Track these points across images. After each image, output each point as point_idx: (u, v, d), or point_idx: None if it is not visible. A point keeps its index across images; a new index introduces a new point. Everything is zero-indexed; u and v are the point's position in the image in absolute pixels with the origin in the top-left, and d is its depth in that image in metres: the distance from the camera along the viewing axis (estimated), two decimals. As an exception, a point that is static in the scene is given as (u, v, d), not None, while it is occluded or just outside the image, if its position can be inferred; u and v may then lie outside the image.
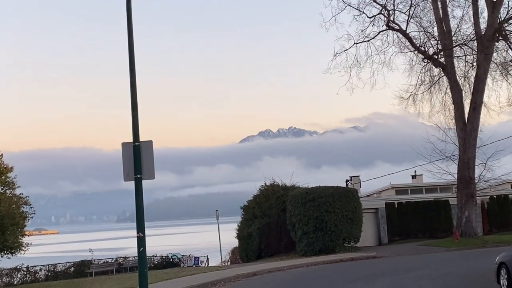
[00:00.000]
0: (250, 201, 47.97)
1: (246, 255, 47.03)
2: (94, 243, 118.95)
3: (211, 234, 72.31)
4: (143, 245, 16.31)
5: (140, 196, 16.62)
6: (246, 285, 27.35)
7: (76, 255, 76.86)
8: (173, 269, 44.94)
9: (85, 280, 41.51)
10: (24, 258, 48.55)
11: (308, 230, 41.39)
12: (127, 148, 16.86)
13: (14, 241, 41.83)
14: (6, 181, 43.90)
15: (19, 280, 51.44)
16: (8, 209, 41.31)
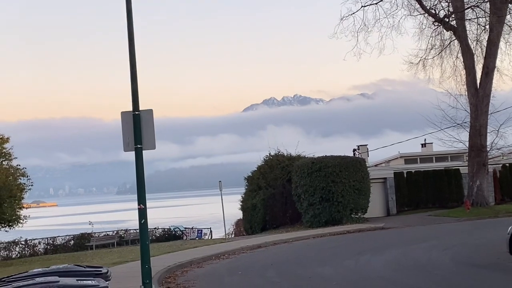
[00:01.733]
0: (254, 172, 47.28)
1: (250, 227, 46.44)
2: (94, 215, 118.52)
3: (214, 206, 71.46)
4: (145, 217, 15.84)
5: (141, 167, 16.06)
6: (250, 258, 26.90)
7: (75, 228, 76.25)
8: (176, 242, 44.38)
9: (85, 254, 40.94)
10: (22, 231, 47.68)
11: (314, 201, 40.68)
12: (127, 117, 16.38)
13: (11, 214, 41.01)
14: (3, 152, 42.88)
15: (18, 254, 50.92)
16: (4, 181, 40.37)
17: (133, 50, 16.48)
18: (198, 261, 25.54)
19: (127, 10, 16.55)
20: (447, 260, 20.81)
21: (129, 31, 16.53)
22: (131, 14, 16.58)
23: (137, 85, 16.47)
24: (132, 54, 16.44)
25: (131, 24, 16.55)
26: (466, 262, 20.32)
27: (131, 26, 16.55)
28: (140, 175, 16.03)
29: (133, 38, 16.49)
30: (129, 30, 16.53)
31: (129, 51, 16.41)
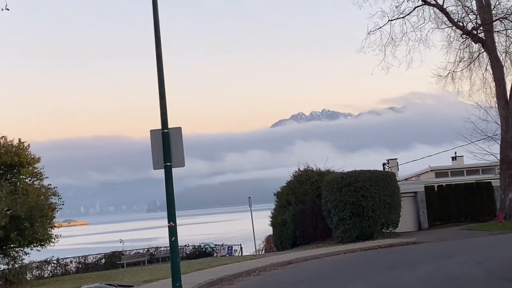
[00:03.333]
0: (284, 187, 47.12)
1: (280, 243, 46.22)
2: (124, 233, 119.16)
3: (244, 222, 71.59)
4: (175, 234, 15.86)
5: (171, 185, 16.12)
6: (281, 274, 26.65)
7: (106, 246, 76.64)
8: (206, 259, 44.29)
9: (116, 272, 41.04)
10: (54, 250, 48.00)
11: (344, 216, 40.42)
12: (156, 136, 16.49)
13: (43, 233, 41.38)
14: (34, 172, 43.40)
15: (50, 273, 51.15)
16: (36, 201, 40.83)
17: (161, 69, 16.60)
18: (228, 278, 25.43)
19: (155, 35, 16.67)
20: (481, 274, 20.47)
21: (158, 52, 16.65)
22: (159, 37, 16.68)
23: (166, 103, 16.56)
24: (160, 73, 16.55)
25: (159, 45, 16.66)
26: (500, 276, 19.97)
27: (159, 47, 16.65)
28: (169, 193, 16.08)
29: (161, 58, 16.61)
30: (157, 51, 16.65)
31: (157, 69, 16.53)
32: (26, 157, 42.82)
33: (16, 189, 41.25)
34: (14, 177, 43.06)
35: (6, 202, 38.83)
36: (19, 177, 43.16)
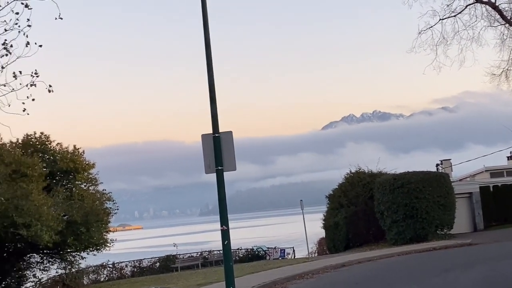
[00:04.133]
0: (336, 190, 46.85)
1: (333, 245, 45.97)
2: (178, 237, 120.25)
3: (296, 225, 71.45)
4: (228, 238, 15.91)
5: (222, 188, 16.17)
6: (334, 277, 26.50)
7: (161, 250, 77.43)
8: (259, 262, 44.34)
9: (170, 275, 41.40)
10: (109, 254, 48.78)
11: (397, 218, 40.00)
12: (207, 140, 16.56)
13: (99, 238, 42.08)
14: (89, 177, 44.19)
15: (106, 277, 51.87)
16: (92, 206, 41.53)
17: (212, 73, 16.69)
18: (281, 281, 25.39)
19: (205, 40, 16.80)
20: (539, 276, 20.07)
21: (208, 58, 16.75)
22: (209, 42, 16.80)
23: (216, 108, 16.64)
24: (211, 77, 16.64)
25: (209, 49, 16.77)
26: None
27: (209, 52, 16.76)
28: (221, 197, 16.14)
29: (211, 62, 16.70)
30: (207, 55, 16.76)
31: (207, 74, 16.63)
32: (81, 163, 43.63)
33: (72, 194, 42.05)
34: (70, 183, 43.92)
35: (62, 208, 39.61)
36: (74, 183, 44.00)
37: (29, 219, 35.48)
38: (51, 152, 43.71)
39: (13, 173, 37.42)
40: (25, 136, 43.46)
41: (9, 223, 35.16)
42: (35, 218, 35.73)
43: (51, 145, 44.13)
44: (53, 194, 40.05)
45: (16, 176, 37.52)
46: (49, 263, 45.34)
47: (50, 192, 40.39)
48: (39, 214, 35.93)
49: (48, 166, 42.18)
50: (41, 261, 45.36)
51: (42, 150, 43.48)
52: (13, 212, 35.02)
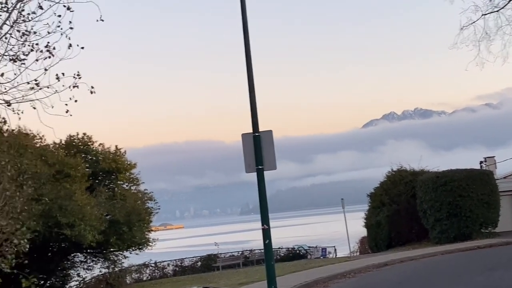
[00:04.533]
0: (377, 188, 46.42)
1: (375, 244, 45.58)
2: (219, 236, 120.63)
3: (337, 223, 71.08)
4: (269, 237, 15.88)
5: (263, 188, 16.13)
6: (377, 276, 26.24)
7: (202, 249, 77.64)
8: (300, 261, 44.21)
9: (212, 274, 41.51)
10: (151, 253, 49.16)
11: (441, 217, 39.45)
12: (248, 139, 16.54)
13: (141, 237, 42.49)
14: (130, 177, 44.62)
15: (148, 276, 52.26)
16: (133, 206, 41.94)
17: (251, 73, 16.65)
18: (323, 280, 25.26)
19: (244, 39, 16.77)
20: None
21: (247, 56, 16.72)
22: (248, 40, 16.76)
23: (256, 107, 16.60)
24: (251, 77, 16.61)
25: (248, 49, 16.73)
26: None
27: (248, 50, 16.72)
28: (262, 196, 16.11)
29: (251, 62, 16.66)
30: (246, 54, 16.73)
31: (247, 74, 16.60)
32: (123, 163, 44.09)
33: (114, 194, 42.52)
34: (112, 183, 44.43)
35: (105, 207, 40.08)
36: (116, 183, 44.50)
37: (73, 219, 35.98)
38: (94, 152, 44.26)
39: (57, 173, 37.97)
40: (68, 137, 44.06)
41: (53, 223, 35.70)
42: (79, 218, 36.22)
43: (94, 146, 44.68)
44: (95, 194, 40.54)
45: (59, 177, 38.07)
46: (93, 262, 45.91)
47: (92, 192, 40.89)
48: (82, 214, 36.42)
49: (90, 167, 42.72)
50: (84, 260, 45.96)
51: (85, 150, 44.05)
52: (57, 212, 35.55)
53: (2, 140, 16.84)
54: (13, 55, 11.70)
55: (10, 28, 11.60)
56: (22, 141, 33.61)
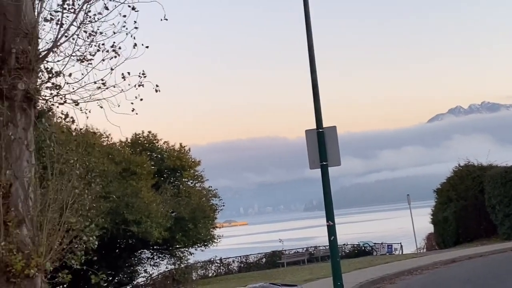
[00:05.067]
0: (444, 184, 45.67)
1: (442, 241, 44.85)
2: (283, 233, 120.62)
3: (402, 220, 70.31)
4: (334, 233, 15.81)
5: (327, 184, 16.06)
6: (444, 273, 25.79)
7: (266, 245, 77.86)
8: (366, 258, 43.87)
9: (277, 271, 41.58)
10: (216, 250, 49.53)
11: (510, 212, 38.67)
12: (311, 135, 16.50)
13: (206, 234, 42.91)
14: (195, 175, 45.10)
15: (214, 272, 52.65)
16: (198, 203, 42.40)
17: (314, 70, 16.57)
18: (390, 277, 25.02)
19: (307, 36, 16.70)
20: None
21: (310, 52, 16.65)
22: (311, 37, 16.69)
23: (320, 103, 16.51)
24: (314, 73, 16.53)
25: (311, 44, 16.66)
26: None
27: (311, 48, 16.65)
28: (327, 192, 16.03)
29: (314, 59, 16.57)
30: (310, 51, 16.66)
31: (310, 70, 16.53)
32: (187, 160, 44.63)
33: (179, 191, 43.08)
34: (177, 180, 45.01)
35: (170, 205, 40.63)
36: (181, 180, 45.06)
37: (139, 216, 36.61)
38: (159, 150, 44.94)
39: (123, 171, 38.69)
40: (134, 135, 44.83)
41: (121, 220, 36.38)
42: (145, 215, 36.83)
43: (158, 144, 45.36)
44: (161, 192, 41.14)
45: (126, 174, 38.79)
46: (159, 258, 46.60)
47: (158, 189, 41.51)
48: (148, 211, 37.02)
49: (156, 164, 43.36)
50: (151, 256, 46.70)
51: (150, 148, 44.76)
52: (124, 209, 36.22)
53: (70, 139, 17.17)
54: (80, 56, 11.93)
55: (77, 29, 11.85)
56: (89, 140, 34.31)
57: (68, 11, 11.84)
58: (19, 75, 10.99)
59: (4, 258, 10.35)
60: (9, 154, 10.91)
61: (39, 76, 11.71)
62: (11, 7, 11.20)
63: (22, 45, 11.13)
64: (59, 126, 17.16)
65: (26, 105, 11.24)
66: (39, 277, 10.91)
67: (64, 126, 16.96)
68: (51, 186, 11.41)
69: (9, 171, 10.82)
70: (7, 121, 10.95)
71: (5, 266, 10.39)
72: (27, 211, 11.03)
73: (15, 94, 11.02)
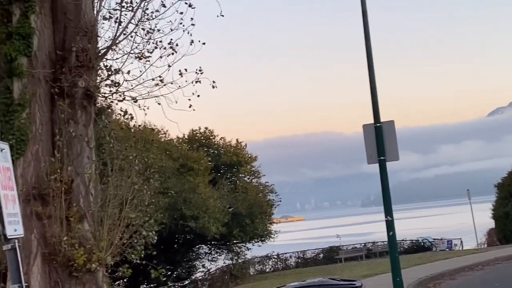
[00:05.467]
0: (505, 178, 44.72)
1: (504, 236, 43.94)
2: (340, 228, 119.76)
3: (462, 215, 69.13)
4: (393, 229, 15.62)
5: (386, 179, 15.88)
6: (506, 269, 25.19)
7: (323, 241, 77.47)
8: (425, 254, 43.26)
9: (334, 267, 41.35)
10: (273, 245, 49.57)
11: None
12: (369, 130, 16.29)
13: (263, 229, 43.09)
14: (251, 170, 45.27)
15: (271, 268, 52.60)
16: (255, 198, 42.56)
17: (372, 64, 16.38)
18: (450, 273, 24.60)
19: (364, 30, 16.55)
20: None
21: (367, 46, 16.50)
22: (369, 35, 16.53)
23: (377, 98, 16.33)
24: (371, 68, 16.35)
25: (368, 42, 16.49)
26: None
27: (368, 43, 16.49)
28: (385, 187, 15.85)
29: (371, 53, 16.39)
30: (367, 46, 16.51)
31: (367, 65, 16.36)
32: (243, 156, 44.83)
33: (236, 187, 43.33)
34: (233, 176, 45.27)
35: (227, 200, 40.91)
36: (238, 176, 45.30)
37: (197, 211, 36.96)
38: (215, 146, 45.25)
39: (181, 167, 39.11)
40: (191, 132, 45.23)
41: (179, 215, 36.80)
42: (202, 210, 37.16)
43: (215, 140, 45.67)
44: (218, 187, 41.45)
45: (183, 170, 39.20)
46: (217, 253, 46.94)
47: (215, 185, 41.83)
48: (206, 206, 37.34)
49: (212, 160, 43.69)
50: (209, 251, 47.08)
51: (207, 144, 45.10)
52: (182, 205, 36.62)
53: (129, 136, 17.45)
54: (138, 53, 12.10)
55: (135, 27, 12.01)
56: (148, 136, 34.80)
57: (127, 9, 12.02)
58: (79, 73, 11.20)
59: (67, 252, 10.57)
60: (71, 151, 11.14)
61: (98, 73, 11.92)
62: (71, 6, 11.41)
63: (82, 43, 11.34)
64: (118, 123, 17.41)
65: (86, 102, 11.45)
66: (101, 271, 11.11)
67: (123, 123, 17.21)
68: (111, 182, 11.60)
69: (70, 167, 11.05)
70: (68, 118, 11.18)
71: (68, 261, 10.61)
72: (88, 207, 11.24)
73: (76, 92, 11.24)
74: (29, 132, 10.80)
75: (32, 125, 10.89)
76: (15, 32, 10.92)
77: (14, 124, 10.69)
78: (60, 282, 10.67)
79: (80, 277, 10.71)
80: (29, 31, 10.97)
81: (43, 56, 11.21)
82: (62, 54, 11.33)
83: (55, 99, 11.20)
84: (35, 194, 10.72)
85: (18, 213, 7.42)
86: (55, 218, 10.67)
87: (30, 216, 10.53)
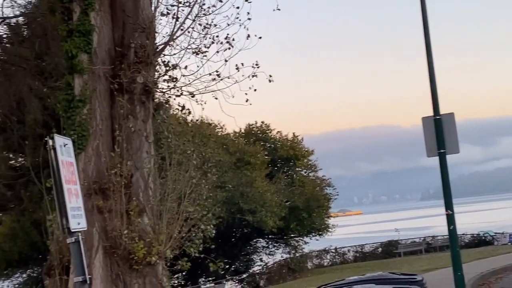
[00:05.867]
0: None
1: None
2: (399, 222, 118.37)
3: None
4: (453, 223, 15.35)
5: (446, 172, 15.64)
6: None
7: (382, 235, 76.69)
8: (486, 248, 42.54)
9: (393, 261, 41.02)
10: (331, 239, 49.30)
11: None
12: (428, 122, 16.04)
13: (320, 223, 43.00)
14: (308, 164, 45.19)
15: (329, 262, 52.40)
16: (312, 192, 42.48)
17: (430, 54, 16.13)
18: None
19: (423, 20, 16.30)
20: None
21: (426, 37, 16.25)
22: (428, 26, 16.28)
23: (437, 89, 16.09)
24: (430, 58, 16.11)
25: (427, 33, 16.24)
26: None
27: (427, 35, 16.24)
28: (445, 180, 15.63)
29: (430, 43, 16.15)
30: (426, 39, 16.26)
31: (426, 55, 16.12)
32: (300, 150, 44.78)
33: (292, 181, 43.31)
34: (290, 169, 45.25)
35: (284, 194, 40.92)
36: (295, 170, 45.28)
37: (254, 205, 37.10)
38: (272, 140, 45.30)
39: (238, 161, 39.31)
40: (247, 126, 45.38)
41: (236, 209, 37.01)
42: (260, 204, 37.28)
43: (271, 134, 45.74)
44: (275, 181, 41.49)
45: (240, 164, 39.39)
46: (274, 247, 47.02)
47: (272, 179, 41.88)
48: (263, 200, 37.44)
49: (269, 154, 43.76)
50: (266, 245, 47.19)
51: (263, 138, 45.19)
52: (239, 199, 36.81)
53: (187, 130, 17.63)
54: (196, 48, 12.19)
55: (192, 22, 12.10)
56: (205, 131, 35.08)
57: (184, 5, 12.11)
58: (138, 69, 11.35)
59: (127, 246, 10.74)
60: (130, 146, 11.30)
61: (156, 69, 12.05)
62: (129, 3, 11.57)
63: (140, 39, 11.48)
64: (176, 117, 17.57)
65: (145, 97, 11.60)
66: (160, 265, 11.25)
67: (181, 118, 17.37)
68: (169, 176, 11.73)
69: (130, 162, 11.21)
70: (127, 113, 11.35)
71: (128, 254, 10.78)
72: (148, 201, 11.40)
73: (134, 88, 11.40)
74: (89, 128, 11.01)
75: (93, 121, 11.10)
76: (76, 29, 11.14)
77: (75, 120, 10.92)
78: (121, 275, 10.86)
79: (140, 270, 10.87)
80: (89, 28, 11.18)
81: (102, 53, 11.40)
82: (121, 51, 11.50)
83: (115, 95, 11.38)
84: (96, 189, 10.93)
85: (81, 207, 7.56)
86: (116, 212, 10.86)
87: (92, 210, 10.74)
